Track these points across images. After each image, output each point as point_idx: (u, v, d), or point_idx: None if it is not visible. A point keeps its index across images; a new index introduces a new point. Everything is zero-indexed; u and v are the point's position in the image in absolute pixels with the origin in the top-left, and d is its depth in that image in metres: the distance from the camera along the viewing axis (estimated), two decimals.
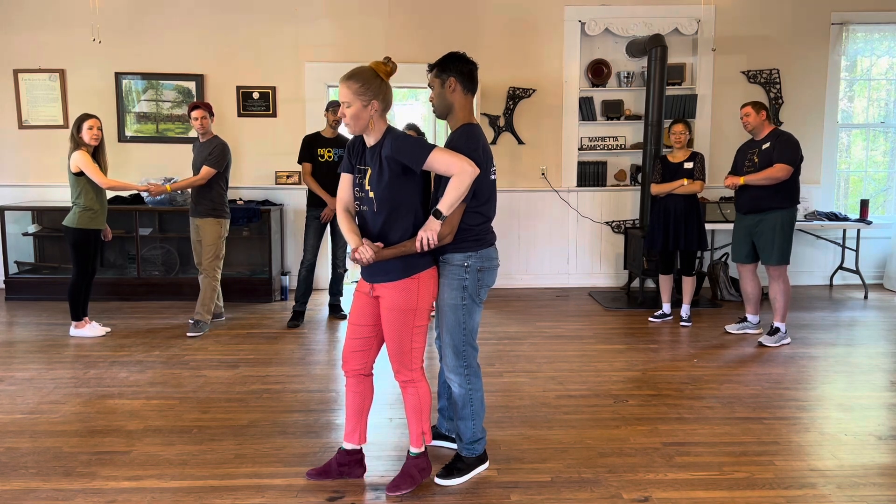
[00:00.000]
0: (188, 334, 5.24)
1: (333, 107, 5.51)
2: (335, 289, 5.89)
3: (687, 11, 6.63)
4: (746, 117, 5.03)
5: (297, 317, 5.59)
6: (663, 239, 5.42)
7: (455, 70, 2.91)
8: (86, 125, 4.98)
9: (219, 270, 5.42)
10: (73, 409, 3.82)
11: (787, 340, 4.99)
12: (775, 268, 4.94)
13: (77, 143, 4.99)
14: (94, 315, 5.71)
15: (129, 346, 4.97)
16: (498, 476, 3.08)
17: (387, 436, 3.49)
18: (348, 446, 3.04)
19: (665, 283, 5.63)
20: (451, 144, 2.88)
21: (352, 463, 3.04)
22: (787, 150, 4.85)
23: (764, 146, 4.97)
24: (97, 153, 5.08)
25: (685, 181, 5.31)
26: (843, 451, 3.31)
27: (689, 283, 5.52)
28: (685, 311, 5.54)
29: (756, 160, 4.99)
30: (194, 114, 5.26)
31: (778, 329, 4.96)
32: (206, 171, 5.22)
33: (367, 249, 2.72)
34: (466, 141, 2.86)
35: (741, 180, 4.95)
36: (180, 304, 6.21)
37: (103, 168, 5.12)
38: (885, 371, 4.47)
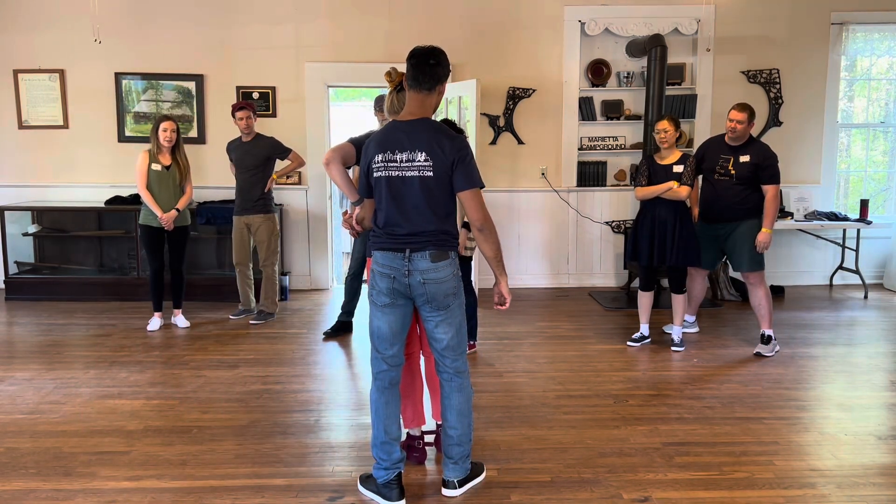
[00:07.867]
0: (250, 321, 5.54)
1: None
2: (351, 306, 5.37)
3: (687, 11, 6.63)
4: (739, 125, 4.66)
5: (342, 326, 5.27)
6: (648, 252, 4.77)
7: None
8: (160, 127, 5.16)
9: (277, 263, 5.67)
10: (73, 409, 3.82)
11: (778, 347, 4.87)
12: (754, 274, 4.79)
13: (156, 144, 5.19)
14: (94, 315, 5.72)
15: (129, 346, 4.97)
16: (498, 476, 3.08)
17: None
18: (414, 432, 3.24)
19: (644, 301, 4.99)
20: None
21: (415, 447, 3.23)
22: (774, 167, 4.71)
23: (742, 158, 4.73)
24: (175, 154, 5.24)
25: (675, 184, 4.66)
26: (843, 451, 3.32)
27: (679, 302, 4.88)
28: (677, 333, 4.92)
29: (732, 171, 4.74)
30: (239, 114, 5.42)
31: (770, 337, 4.80)
32: (294, 155, 5.58)
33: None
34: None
35: (767, 231, 4.66)
36: None
37: (183, 169, 5.27)
38: (885, 371, 4.47)
